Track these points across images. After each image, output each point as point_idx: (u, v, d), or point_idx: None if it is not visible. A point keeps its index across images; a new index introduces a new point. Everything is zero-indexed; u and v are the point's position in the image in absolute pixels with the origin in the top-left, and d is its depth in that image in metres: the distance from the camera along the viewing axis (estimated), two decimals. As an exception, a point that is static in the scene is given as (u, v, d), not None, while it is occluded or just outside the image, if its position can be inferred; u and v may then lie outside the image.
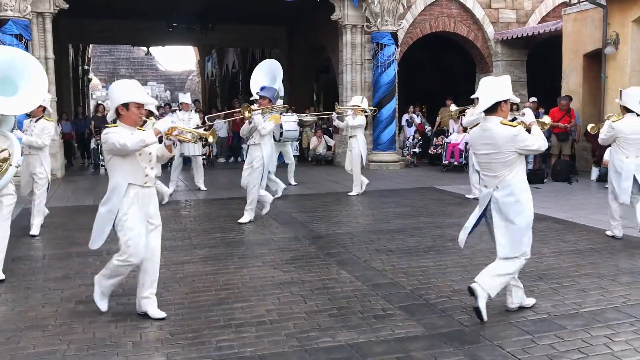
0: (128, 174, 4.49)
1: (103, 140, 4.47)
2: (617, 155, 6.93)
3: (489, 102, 4.40)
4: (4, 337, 4.29)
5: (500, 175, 4.51)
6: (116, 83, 4.64)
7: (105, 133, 4.42)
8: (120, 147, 4.35)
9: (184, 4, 17.64)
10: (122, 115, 4.45)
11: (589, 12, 12.84)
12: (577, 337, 4.20)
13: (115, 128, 4.44)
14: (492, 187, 4.58)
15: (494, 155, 4.47)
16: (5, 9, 12.04)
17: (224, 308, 4.85)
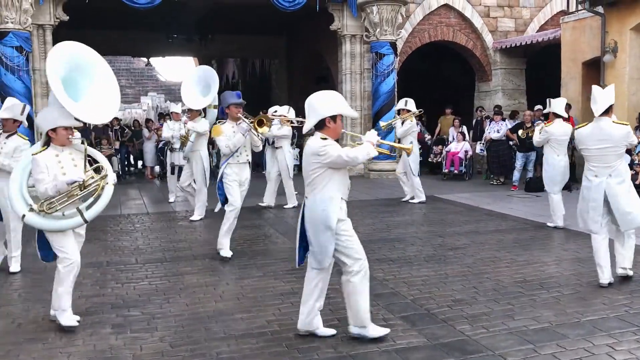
0: (340, 186, 4.29)
1: (322, 152, 4.15)
2: (550, 155, 8.23)
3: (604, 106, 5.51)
4: (4, 350, 4.28)
5: (613, 165, 5.48)
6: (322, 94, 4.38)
7: (323, 145, 4.16)
8: (350, 159, 4.19)
9: (183, 15, 17.70)
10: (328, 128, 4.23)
11: (588, 20, 12.89)
12: (579, 346, 4.18)
13: (328, 141, 4.20)
14: (604, 175, 5.48)
15: (610, 149, 5.48)
16: (6, 21, 12.09)
17: (225, 319, 4.83)
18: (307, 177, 4.31)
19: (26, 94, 12.35)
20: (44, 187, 4.49)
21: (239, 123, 6.93)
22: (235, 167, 7.02)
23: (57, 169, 4.53)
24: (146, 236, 8.28)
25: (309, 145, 4.30)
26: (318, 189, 4.26)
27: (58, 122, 4.59)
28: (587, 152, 5.63)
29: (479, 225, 8.68)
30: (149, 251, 7.37)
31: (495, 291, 5.48)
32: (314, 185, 4.27)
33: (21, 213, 4.63)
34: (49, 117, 4.63)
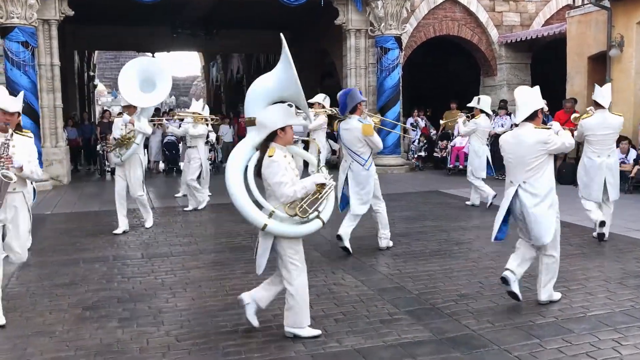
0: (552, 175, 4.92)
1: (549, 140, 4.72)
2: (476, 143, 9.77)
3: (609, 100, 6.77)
4: (12, 344, 4.31)
5: (612, 147, 7.17)
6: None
7: (549, 135, 4.75)
8: (570, 145, 4.93)
9: (188, 10, 17.70)
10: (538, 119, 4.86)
11: (593, 14, 12.82)
12: (585, 341, 4.18)
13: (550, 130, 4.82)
14: (605, 155, 7.08)
15: (611, 135, 7.09)
16: (12, 16, 12.11)
17: (231, 313, 4.85)
18: (527, 165, 4.77)
19: (32, 89, 12.39)
20: (291, 190, 4.08)
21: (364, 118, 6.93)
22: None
23: (290, 170, 4.19)
24: (152, 231, 8.30)
25: (528, 135, 4.77)
26: (540, 174, 4.79)
27: (288, 120, 4.27)
28: (594, 137, 7.04)
29: (484, 220, 8.67)
30: (155, 246, 7.40)
31: (500, 286, 5.46)
32: (536, 170, 4.78)
33: (262, 223, 4.15)
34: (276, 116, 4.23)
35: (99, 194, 12.01)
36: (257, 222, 4.16)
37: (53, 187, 12.58)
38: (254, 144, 4.29)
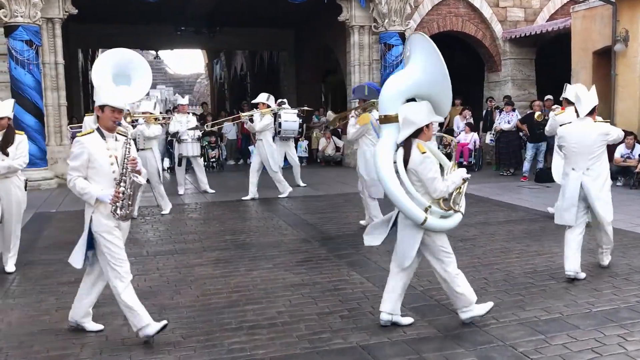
0: None
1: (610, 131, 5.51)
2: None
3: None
4: (18, 341, 4.33)
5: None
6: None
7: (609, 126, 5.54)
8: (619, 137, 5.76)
9: (191, 8, 17.70)
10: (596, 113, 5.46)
11: (598, 9, 12.76)
12: (590, 336, 4.17)
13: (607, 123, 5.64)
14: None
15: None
16: (16, 15, 12.14)
17: (236, 310, 4.86)
18: (590, 153, 5.46)
19: (36, 87, 12.42)
20: (444, 185, 4.22)
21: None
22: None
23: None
24: (156, 228, 8.32)
25: (591, 127, 5.50)
26: (600, 161, 5.50)
27: (432, 117, 4.38)
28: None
29: (489, 216, 8.66)
30: (159, 243, 7.42)
31: (505, 282, 5.47)
32: (597, 158, 5.49)
33: (422, 218, 4.18)
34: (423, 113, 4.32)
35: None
36: (417, 217, 4.21)
37: (58, 185, 12.61)
38: (395, 141, 4.35)
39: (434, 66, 4.30)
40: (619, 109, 12.26)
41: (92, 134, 4.25)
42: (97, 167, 4.17)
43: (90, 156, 4.15)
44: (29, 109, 12.23)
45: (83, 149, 4.16)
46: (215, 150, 15.94)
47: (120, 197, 4.14)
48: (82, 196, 4.18)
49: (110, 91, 4.42)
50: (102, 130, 4.25)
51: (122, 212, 4.17)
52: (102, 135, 4.24)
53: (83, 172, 4.17)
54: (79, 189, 4.15)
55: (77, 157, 4.16)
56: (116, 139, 4.29)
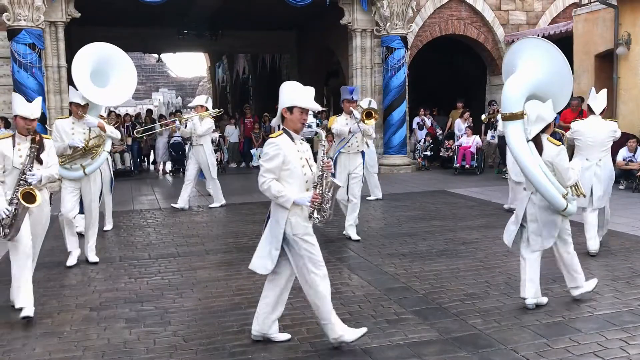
0: None
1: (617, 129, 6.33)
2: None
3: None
4: (21, 344, 4.34)
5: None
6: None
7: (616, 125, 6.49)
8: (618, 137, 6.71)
9: (194, 11, 17.74)
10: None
11: (600, 12, 12.76)
12: (592, 340, 4.17)
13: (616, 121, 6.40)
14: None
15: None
16: (19, 18, 12.17)
17: (238, 313, 4.86)
18: (603, 146, 6.47)
19: (39, 90, 12.44)
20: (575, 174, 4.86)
21: (352, 116, 7.43)
22: (345, 157, 7.52)
23: None
24: (159, 231, 8.34)
25: (602, 124, 6.46)
26: (608, 154, 6.55)
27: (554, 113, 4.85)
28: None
29: (491, 219, 8.65)
30: (161, 246, 7.43)
31: (507, 285, 5.47)
32: (607, 151, 6.53)
33: (565, 204, 4.71)
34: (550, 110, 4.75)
35: (106, 195, 12.04)
36: (561, 204, 4.69)
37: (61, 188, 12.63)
38: (526, 137, 4.69)
39: (557, 67, 4.64)
40: (621, 112, 12.25)
41: (282, 136, 4.09)
42: (291, 169, 4.04)
43: (284, 158, 4.01)
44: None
45: (278, 150, 4.01)
46: (217, 154, 15.97)
47: (319, 201, 4.06)
48: (276, 199, 4.03)
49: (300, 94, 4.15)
50: (290, 132, 4.12)
51: (320, 215, 4.11)
52: (291, 137, 4.11)
53: (277, 174, 4.02)
54: (275, 192, 4.00)
55: (273, 159, 4.01)
56: (301, 142, 4.18)
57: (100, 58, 6.41)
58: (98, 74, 6.36)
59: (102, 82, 6.47)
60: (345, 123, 7.44)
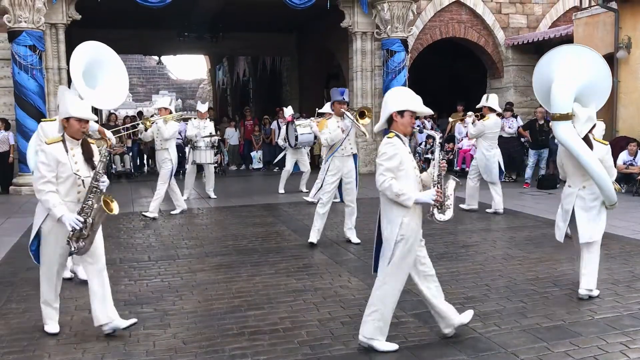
0: None
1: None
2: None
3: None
4: (20, 346, 4.33)
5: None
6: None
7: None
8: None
9: (194, 14, 17.76)
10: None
11: (601, 16, 12.78)
12: (592, 344, 4.16)
13: None
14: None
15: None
16: (20, 20, 12.19)
17: (237, 316, 4.86)
18: None
19: (39, 92, 12.46)
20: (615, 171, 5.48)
21: (343, 119, 7.24)
22: (338, 160, 7.31)
23: None
24: (159, 233, 8.33)
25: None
26: None
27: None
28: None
29: (491, 222, 8.65)
30: (161, 248, 7.42)
31: (507, 289, 5.46)
32: None
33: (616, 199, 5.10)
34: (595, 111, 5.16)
35: (106, 197, 12.04)
36: (614, 198, 5.07)
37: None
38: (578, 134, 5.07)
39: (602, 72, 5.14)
40: (622, 116, 12.26)
41: (396, 137, 4.13)
42: (406, 169, 4.08)
43: (400, 157, 4.07)
44: (32, 114, 12.26)
45: (396, 150, 4.05)
46: (217, 156, 15.96)
47: (441, 199, 4.11)
48: (397, 197, 3.98)
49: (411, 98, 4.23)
50: (400, 135, 4.16)
51: (442, 211, 4.19)
52: (402, 140, 4.15)
53: (395, 174, 4.02)
54: (397, 190, 3.97)
55: (392, 158, 4.02)
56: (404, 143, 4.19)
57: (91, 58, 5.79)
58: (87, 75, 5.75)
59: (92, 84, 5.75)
60: (337, 126, 7.22)
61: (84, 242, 4.30)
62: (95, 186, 4.34)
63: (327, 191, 7.34)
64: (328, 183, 7.32)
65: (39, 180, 4.26)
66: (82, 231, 4.25)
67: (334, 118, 7.36)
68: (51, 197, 4.24)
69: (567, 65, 5.03)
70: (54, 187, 4.28)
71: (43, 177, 4.25)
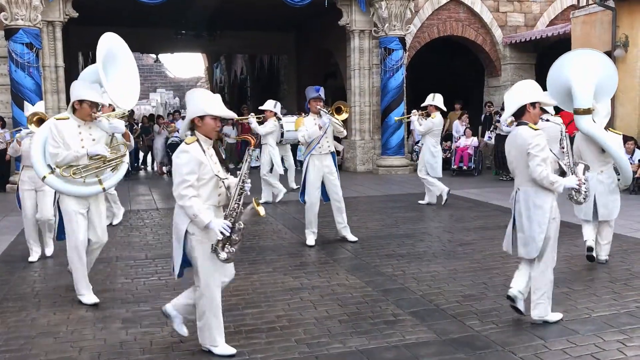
0: None
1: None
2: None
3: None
4: (17, 345, 4.32)
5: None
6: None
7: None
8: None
9: (192, 12, 17.73)
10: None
11: (598, 14, 12.78)
12: (589, 342, 4.17)
13: None
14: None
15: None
16: (16, 18, 12.15)
17: (234, 314, 4.85)
18: None
19: (36, 90, 12.43)
20: None
21: (320, 116, 7.20)
22: (316, 159, 7.26)
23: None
24: (156, 232, 8.31)
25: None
26: None
27: None
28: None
29: (488, 220, 8.65)
30: (158, 247, 7.41)
31: (504, 287, 5.44)
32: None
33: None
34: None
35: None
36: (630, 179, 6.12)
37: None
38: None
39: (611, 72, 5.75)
40: (619, 114, 12.26)
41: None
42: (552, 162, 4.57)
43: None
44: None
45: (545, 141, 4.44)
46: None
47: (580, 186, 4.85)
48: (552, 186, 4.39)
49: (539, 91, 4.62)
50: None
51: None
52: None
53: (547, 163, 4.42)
54: (552, 179, 4.41)
55: (545, 149, 4.40)
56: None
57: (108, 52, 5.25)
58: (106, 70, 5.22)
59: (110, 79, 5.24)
60: (314, 124, 7.14)
61: (233, 247, 3.96)
62: (242, 187, 4.05)
63: (311, 192, 7.26)
64: (310, 183, 7.25)
65: (182, 185, 3.91)
66: (232, 236, 3.93)
67: (310, 116, 7.29)
68: (195, 202, 3.90)
69: (582, 66, 5.61)
70: (196, 191, 3.95)
71: (185, 181, 3.90)
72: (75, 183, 5.09)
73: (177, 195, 3.96)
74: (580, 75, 5.57)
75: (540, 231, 4.38)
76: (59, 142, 5.01)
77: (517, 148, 4.45)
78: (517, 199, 4.60)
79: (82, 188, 5.13)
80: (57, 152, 4.99)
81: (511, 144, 4.55)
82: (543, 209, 4.40)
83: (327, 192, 7.40)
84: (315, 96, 7.20)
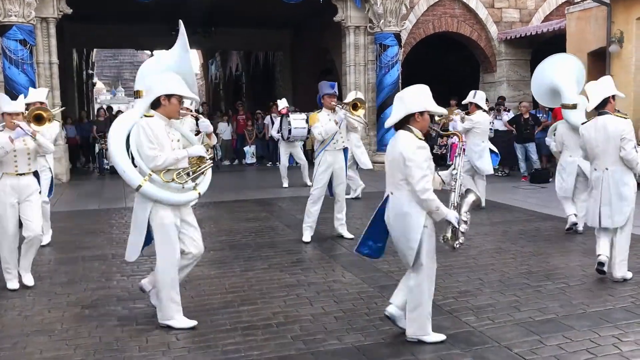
0: None
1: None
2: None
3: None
4: (11, 343, 4.30)
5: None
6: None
7: None
8: None
9: (187, 8, 17.66)
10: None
11: (593, 10, 12.79)
12: (585, 337, 4.17)
13: None
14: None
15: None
16: (10, 14, 12.08)
17: (230, 311, 4.84)
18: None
19: (30, 87, 12.36)
20: None
21: (335, 112, 7.13)
22: (330, 155, 7.19)
23: None
24: (151, 229, 8.28)
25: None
26: None
27: None
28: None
29: (484, 216, 8.66)
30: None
31: (500, 282, 5.47)
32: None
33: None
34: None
35: (98, 192, 11.99)
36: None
37: (52, 185, 12.55)
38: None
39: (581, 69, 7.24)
40: (615, 110, 12.31)
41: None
42: None
43: None
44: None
45: None
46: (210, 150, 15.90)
47: None
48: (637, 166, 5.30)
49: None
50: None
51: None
52: None
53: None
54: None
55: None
56: None
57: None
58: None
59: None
60: (328, 119, 7.07)
61: (462, 236, 4.29)
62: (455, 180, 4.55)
63: (318, 187, 7.25)
64: (319, 178, 7.24)
65: (424, 179, 4.07)
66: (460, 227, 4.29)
67: (324, 111, 7.20)
68: (435, 196, 4.12)
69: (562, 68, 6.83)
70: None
71: (426, 175, 4.08)
72: (171, 190, 4.42)
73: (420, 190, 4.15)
74: (562, 76, 6.76)
75: (628, 203, 5.24)
76: (156, 144, 4.31)
77: (608, 134, 5.28)
78: (604, 177, 5.34)
79: (180, 195, 4.49)
80: (156, 155, 4.29)
81: (599, 130, 5.36)
82: (629, 185, 5.30)
83: (333, 187, 7.38)
84: (331, 92, 7.14)
